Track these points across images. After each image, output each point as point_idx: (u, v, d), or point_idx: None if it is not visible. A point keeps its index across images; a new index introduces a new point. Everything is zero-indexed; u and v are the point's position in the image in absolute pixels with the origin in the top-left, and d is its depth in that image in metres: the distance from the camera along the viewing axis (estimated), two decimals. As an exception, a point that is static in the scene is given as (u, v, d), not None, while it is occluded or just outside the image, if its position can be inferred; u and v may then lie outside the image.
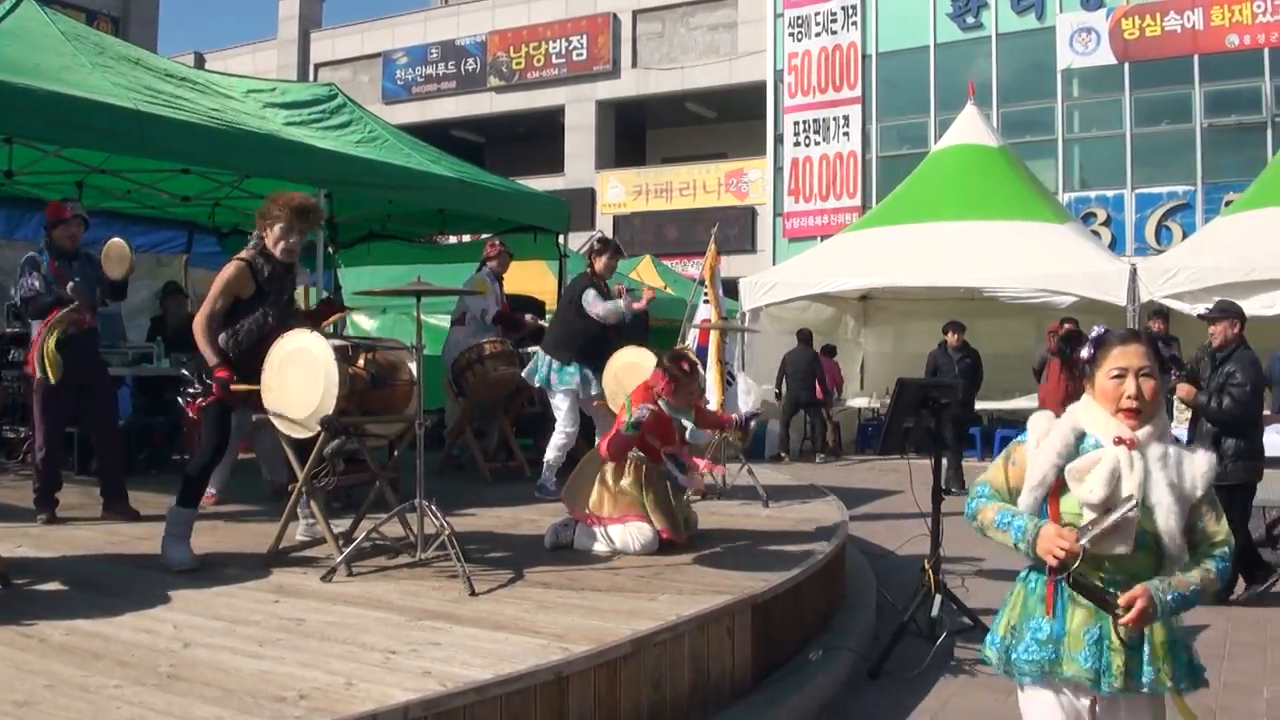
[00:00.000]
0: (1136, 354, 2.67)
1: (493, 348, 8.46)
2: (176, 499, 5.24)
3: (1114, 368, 2.67)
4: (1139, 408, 2.62)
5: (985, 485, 2.82)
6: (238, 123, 7.39)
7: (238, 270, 5.20)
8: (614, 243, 7.95)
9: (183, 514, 5.22)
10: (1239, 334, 6.78)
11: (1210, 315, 6.94)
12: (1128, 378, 2.64)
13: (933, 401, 5.54)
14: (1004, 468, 2.81)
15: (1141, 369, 2.65)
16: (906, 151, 23.34)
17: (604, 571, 5.14)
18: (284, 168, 7.40)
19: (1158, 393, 2.67)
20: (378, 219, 10.85)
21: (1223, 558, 2.60)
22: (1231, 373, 6.60)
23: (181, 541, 5.17)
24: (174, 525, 5.19)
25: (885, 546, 8.01)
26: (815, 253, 17.17)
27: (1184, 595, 2.54)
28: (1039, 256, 13.62)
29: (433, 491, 5.18)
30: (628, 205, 28.56)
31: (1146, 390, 2.64)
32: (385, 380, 5.46)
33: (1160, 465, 2.60)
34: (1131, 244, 21.37)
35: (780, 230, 25.42)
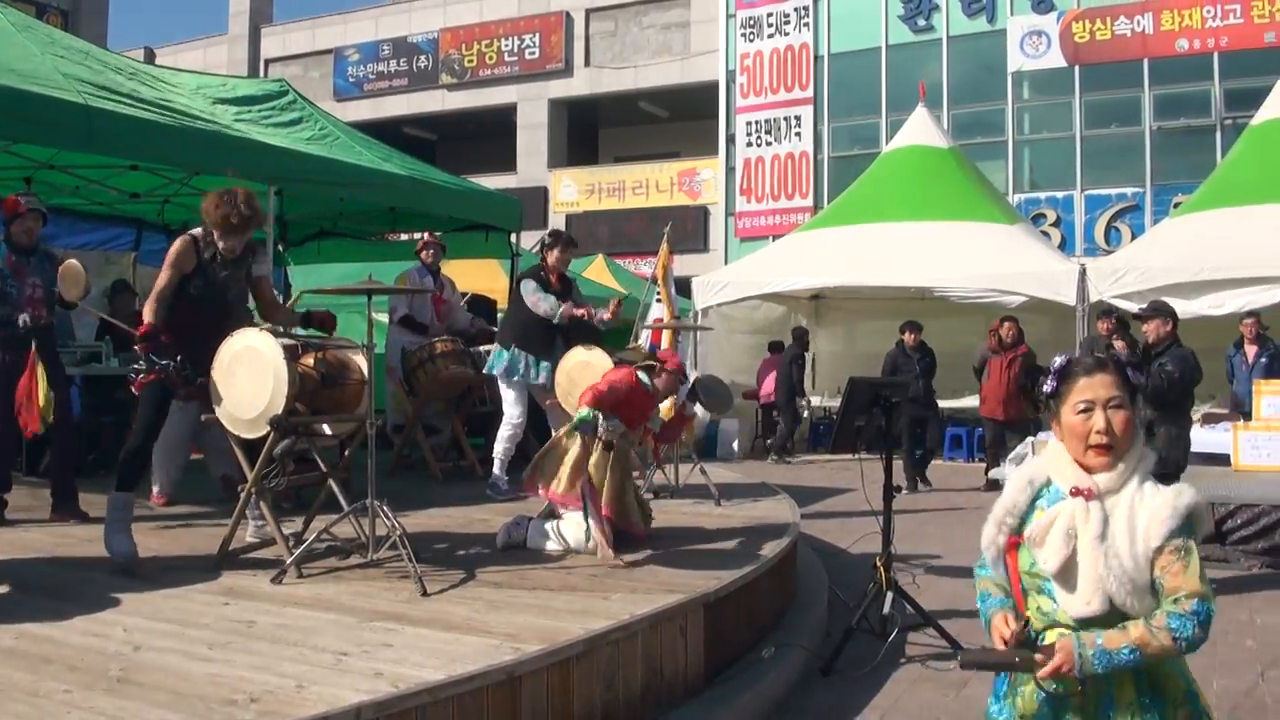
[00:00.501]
0: (1104, 384, 2.41)
1: (444, 346, 8.42)
2: (115, 484, 5.20)
3: (1079, 401, 2.41)
4: (1109, 443, 2.36)
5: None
6: (187, 119, 7.32)
7: (183, 244, 5.26)
8: (565, 235, 7.85)
9: (121, 499, 5.18)
10: (1171, 331, 6.96)
11: (1143, 314, 7.12)
12: (1095, 411, 2.39)
13: (884, 400, 5.59)
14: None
15: (1110, 400, 2.39)
16: (858, 152, 23.51)
17: (556, 571, 5.13)
18: (233, 164, 7.33)
19: (1130, 425, 2.41)
20: (328, 216, 10.77)
21: (1184, 614, 2.22)
22: (1164, 363, 6.80)
23: (123, 531, 5.13)
24: (114, 511, 5.15)
25: (837, 544, 8.06)
26: (767, 252, 17.25)
27: (1109, 653, 2.23)
28: (989, 257, 13.78)
29: (384, 491, 5.15)
30: (580, 204, 28.55)
31: (1117, 424, 2.37)
32: (335, 379, 5.43)
33: (1125, 515, 2.32)
34: (1081, 244, 21.67)
35: (732, 230, 25.53)
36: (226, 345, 5.05)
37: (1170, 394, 6.76)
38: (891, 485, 5.70)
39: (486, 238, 10.44)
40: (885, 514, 5.65)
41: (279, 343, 4.99)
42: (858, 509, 6.36)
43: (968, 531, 9.28)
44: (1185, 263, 12.48)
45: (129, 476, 5.26)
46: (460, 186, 10.08)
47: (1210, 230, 12.94)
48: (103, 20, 26.51)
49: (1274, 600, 6.69)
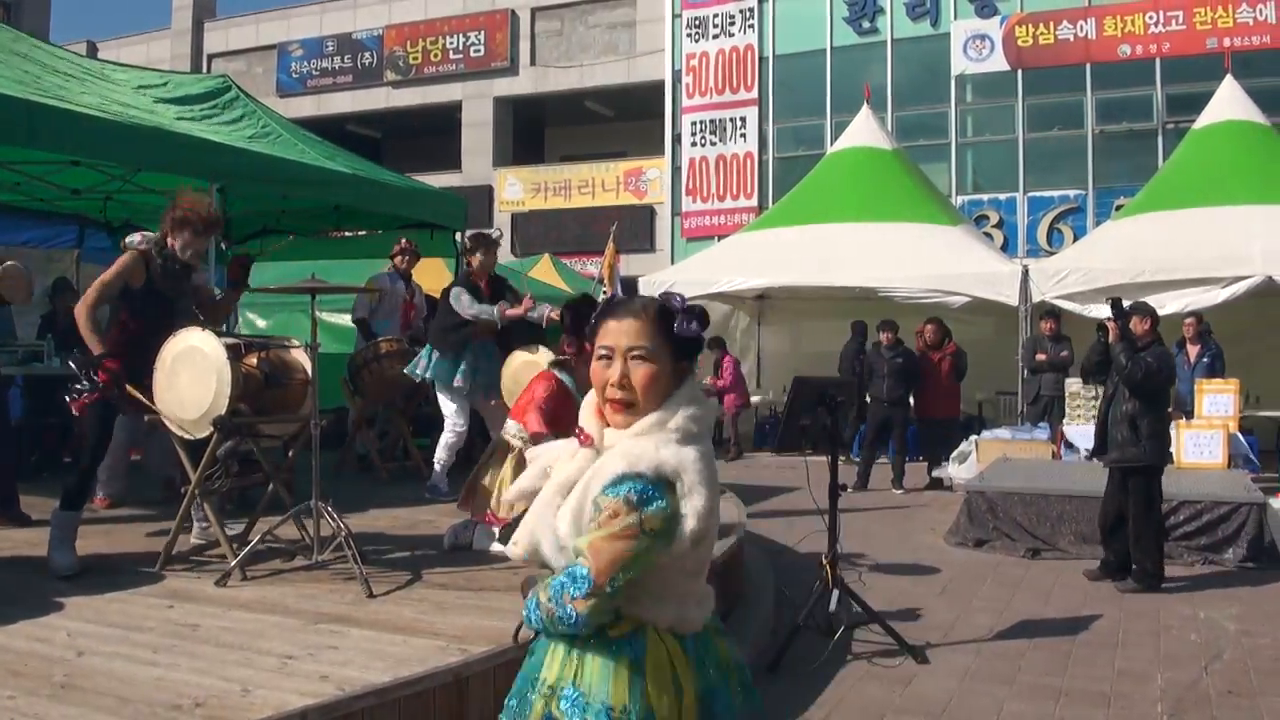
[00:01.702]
0: (630, 331, 2.08)
1: (389, 346, 8.41)
2: (60, 502, 5.13)
3: (601, 346, 2.10)
4: (626, 399, 2.05)
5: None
6: (129, 115, 7.24)
7: (131, 259, 5.19)
8: (486, 236, 7.77)
9: (66, 518, 5.12)
10: (1151, 329, 7.09)
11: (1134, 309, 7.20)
12: (614, 360, 2.08)
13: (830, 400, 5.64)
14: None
15: (633, 350, 2.07)
16: (803, 153, 23.65)
17: (503, 572, 5.13)
18: (176, 161, 7.28)
19: (654, 382, 2.06)
20: (271, 214, 10.66)
21: (563, 576, 1.97)
22: (1144, 355, 6.94)
23: (66, 546, 5.07)
24: (60, 530, 5.09)
25: (783, 543, 8.12)
26: (713, 252, 17.30)
27: (533, 607, 2.04)
28: (932, 257, 13.93)
29: (329, 492, 5.13)
30: (526, 203, 28.47)
31: (637, 378, 2.05)
32: (279, 379, 5.39)
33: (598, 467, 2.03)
34: (1023, 246, 21.94)
35: (678, 229, 25.59)
36: (169, 345, 5.01)
37: (1149, 383, 6.90)
38: (837, 484, 5.75)
39: (432, 236, 10.39)
40: (831, 513, 5.70)
41: (221, 342, 4.95)
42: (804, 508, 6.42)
43: (912, 529, 9.40)
44: (1127, 264, 12.70)
45: (77, 496, 5.20)
46: (405, 185, 10.04)
47: (1152, 232, 13.18)
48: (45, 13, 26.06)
49: (1216, 596, 6.84)
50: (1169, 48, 21.13)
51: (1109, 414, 7.15)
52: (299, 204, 9.88)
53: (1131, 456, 6.99)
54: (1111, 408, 7.13)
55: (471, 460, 7.52)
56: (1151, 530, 7.02)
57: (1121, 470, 7.11)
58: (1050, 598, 6.77)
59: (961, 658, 5.41)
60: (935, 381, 11.87)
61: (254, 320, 13.45)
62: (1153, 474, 7.05)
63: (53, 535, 5.08)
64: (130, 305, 5.21)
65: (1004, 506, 8.42)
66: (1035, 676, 5.16)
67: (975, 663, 5.35)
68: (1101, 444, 7.24)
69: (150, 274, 5.21)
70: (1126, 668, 5.30)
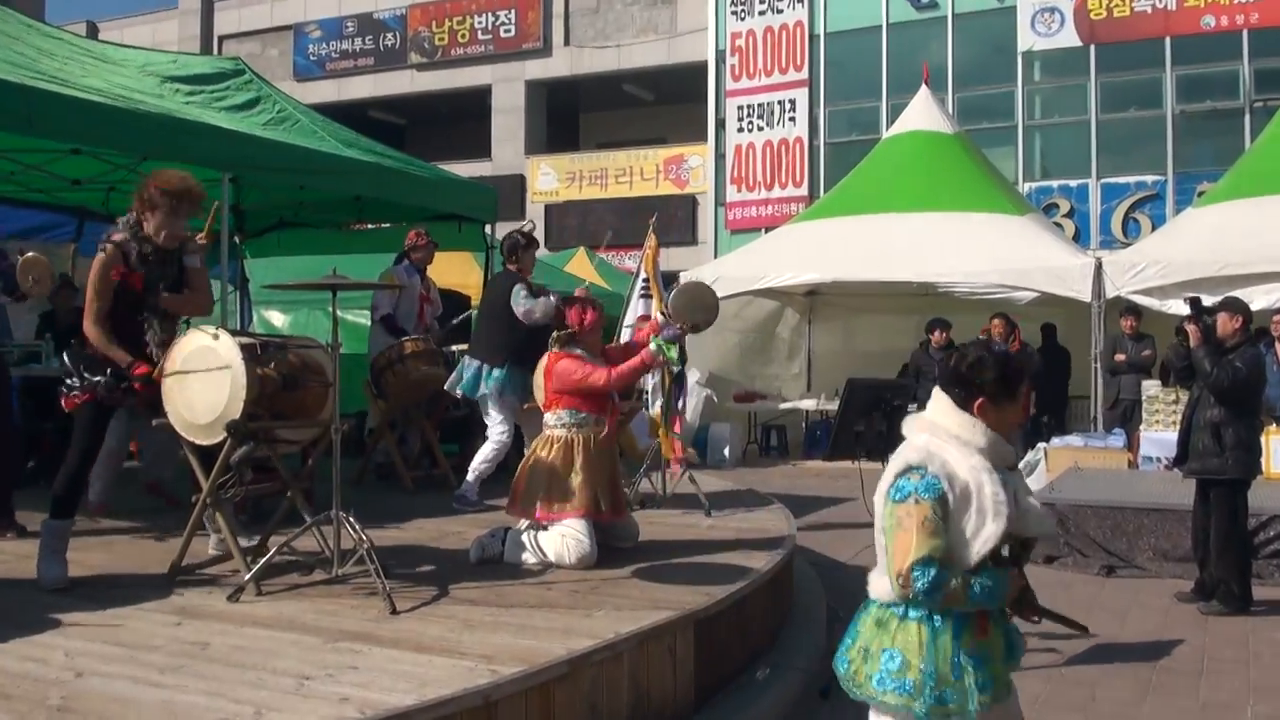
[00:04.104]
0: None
1: (414, 346, 8.40)
2: (50, 512, 5.16)
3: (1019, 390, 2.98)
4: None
5: (937, 564, 2.77)
6: (133, 100, 7.28)
7: (107, 256, 5.19)
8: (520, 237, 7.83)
9: (58, 526, 5.15)
10: (1242, 328, 6.96)
11: (1223, 305, 7.09)
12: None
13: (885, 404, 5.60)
14: (937, 532, 2.78)
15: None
16: (856, 138, 23.55)
17: (535, 587, 5.13)
18: (185, 149, 7.28)
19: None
20: (288, 206, 10.72)
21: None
22: (1232, 359, 6.82)
23: (56, 557, 5.09)
24: (50, 539, 5.12)
25: (836, 557, 8.07)
26: (759, 245, 17.24)
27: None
28: (997, 250, 13.80)
29: (350, 502, 5.15)
30: (560, 193, 28.53)
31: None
32: (297, 381, 5.40)
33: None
34: (1096, 236, 21.73)
35: (722, 221, 25.55)
36: (180, 345, 5.03)
37: (1236, 392, 6.78)
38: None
39: (459, 229, 10.41)
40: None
41: (236, 342, 4.97)
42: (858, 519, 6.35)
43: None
44: (1210, 255, 12.48)
45: (68, 503, 5.21)
46: (431, 174, 10.06)
47: (1237, 221, 12.93)
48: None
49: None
50: (1257, 18, 20.78)
51: (1193, 420, 7.04)
52: (317, 195, 9.93)
53: (1213, 468, 6.87)
54: (1195, 413, 7.02)
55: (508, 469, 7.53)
56: (1235, 547, 6.89)
57: (1203, 482, 7.00)
58: (1127, 620, 6.68)
59: (1031, 684, 5.33)
60: None
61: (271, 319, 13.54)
62: (1238, 487, 6.93)
63: (42, 546, 5.10)
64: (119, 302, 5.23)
65: (1076, 520, 8.31)
66: (1112, 707, 5.08)
67: (1045, 690, 5.28)
68: (1184, 452, 7.13)
69: (129, 264, 5.21)
70: (1212, 699, 5.21)
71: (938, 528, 2.76)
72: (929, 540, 2.75)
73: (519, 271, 7.71)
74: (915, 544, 2.75)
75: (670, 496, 7.93)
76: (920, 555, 2.75)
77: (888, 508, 2.86)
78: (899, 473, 2.87)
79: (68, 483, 5.23)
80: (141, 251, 5.24)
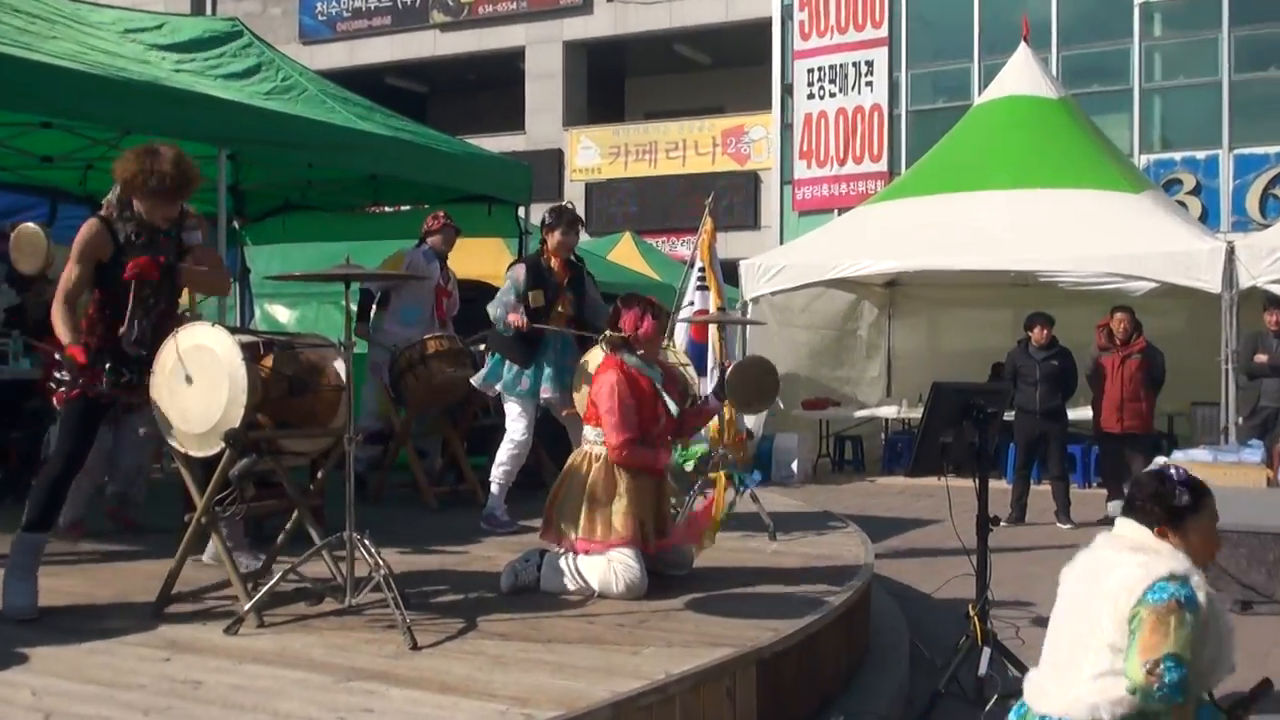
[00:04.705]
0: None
1: (437, 345, 8.42)
2: (24, 523, 5.18)
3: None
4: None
5: (1188, 666, 3.11)
6: (115, 66, 7.32)
7: (91, 230, 5.21)
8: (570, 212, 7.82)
9: (31, 541, 5.17)
10: None
11: None
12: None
13: (976, 411, 5.55)
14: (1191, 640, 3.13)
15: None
16: (943, 105, 23.44)
17: (576, 619, 5.13)
18: (174, 123, 7.30)
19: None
20: (294, 187, 10.81)
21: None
22: None
23: (26, 579, 5.09)
24: (21, 556, 5.13)
25: (920, 589, 8.03)
26: (831, 229, 17.18)
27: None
28: (1108, 233, 13.66)
29: (365, 522, 5.16)
30: (603, 170, 28.59)
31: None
32: (306, 385, 5.44)
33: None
34: (1228, 217, 21.46)
35: (789, 201, 25.48)
36: (171, 343, 5.05)
37: None
38: (987, 516, 5.66)
39: (489, 212, 10.45)
40: (980, 552, 5.62)
41: (236, 340, 5.00)
42: (945, 545, 6.31)
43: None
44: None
45: (45, 513, 5.23)
46: (457, 149, 10.10)
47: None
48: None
49: None
50: None
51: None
52: (327, 174, 10.01)
53: None
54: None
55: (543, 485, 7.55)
56: None
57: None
58: (1268, 661, 6.58)
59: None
60: (1118, 386, 11.57)
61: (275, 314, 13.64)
62: None
63: (10, 566, 5.11)
64: (102, 282, 5.25)
65: (1204, 547, 8.20)
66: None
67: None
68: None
69: (118, 242, 5.23)
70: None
71: (1192, 637, 3.10)
72: (1185, 642, 3.08)
73: (541, 256, 7.70)
74: (1173, 640, 3.08)
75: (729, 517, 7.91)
76: (1176, 650, 3.07)
77: (1142, 608, 3.16)
78: (1162, 577, 3.18)
79: (48, 489, 5.23)
80: (135, 230, 5.25)
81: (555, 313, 7.58)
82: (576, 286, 7.72)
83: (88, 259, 5.19)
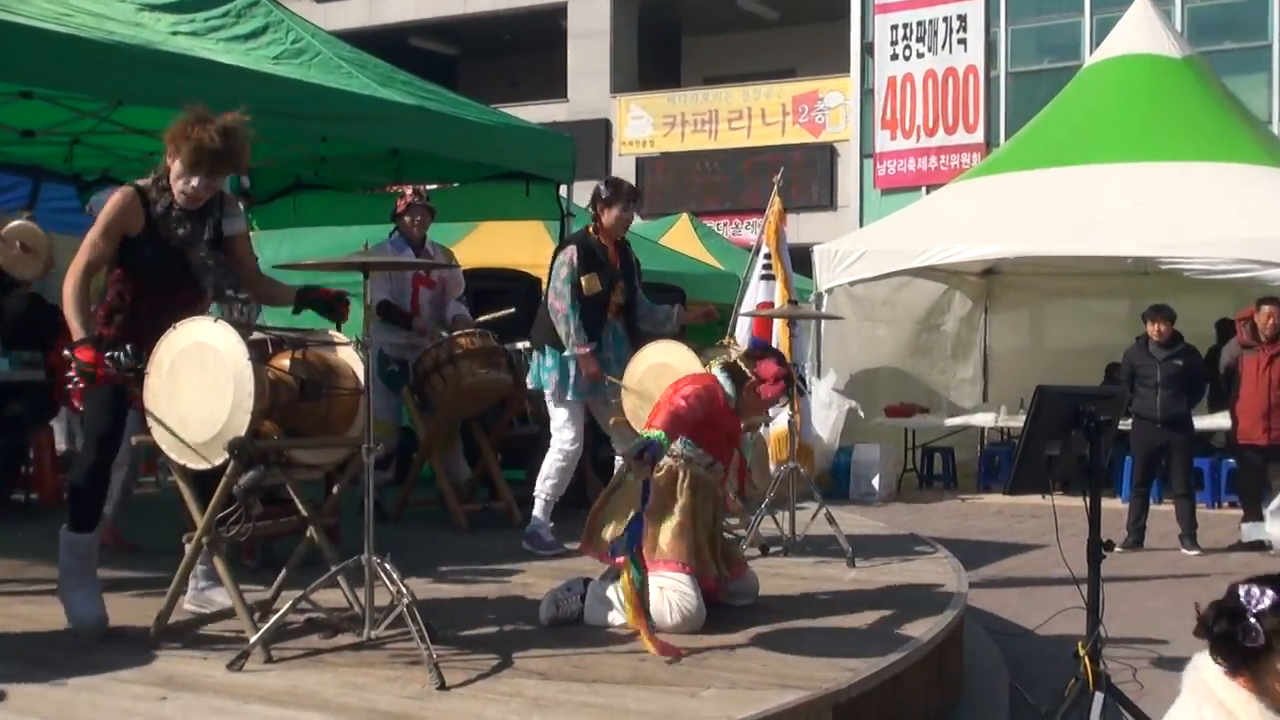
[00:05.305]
0: None
1: (467, 342, 8.42)
2: (68, 522, 5.26)
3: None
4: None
5: None
6: (102, 29, 7.37)
7: (125, 197, 5.24)
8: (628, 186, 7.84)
9: (81, 543, 5.25)
10: None
11: None
12: None
13: (1087, 419, 5.52)
14: None
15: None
16: (1049, 66, 23.34)
17: (625, 656, 5.14)
18: (172, 91, 7.29)
19: None
20: (306, 164, 10.86)
21: None
22: None
23: (84, 585, 5.20)
24: (73, 560, 5.22)
25: (1021, 624, 7.99)
26: (919, 209, 17.13)
27: None
28: (1242, 213, 13.56)
29: (386, 544, 5.19)
30: (656, 143, 28.61)
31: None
32: (319, 388, 5.47)
33: None
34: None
35: (870, 177, 25.42)
36: (168, 341, 5.08)
37: None
38: (1099, 541, 5.62)
39: (527, 191, 10.47)
40: (1092, 581, 5.58)
41: (241, 338, 5.02)
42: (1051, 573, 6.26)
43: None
44: None
45: (89, 509, 5.30)
46: (490, 120, 10.12)
47: None
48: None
49: None
50: None
51: None
52: (344, 148, 10.06)
53: None
54: None
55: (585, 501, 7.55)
56: None
57: None
58: None
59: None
60: (1261, 392, 11.38)
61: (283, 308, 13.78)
62: None
63: (65, 572, 5.19)
64: (128, 262, 5.29)
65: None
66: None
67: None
68: None
69: (151, 217, 5.26)
70: None
71: None
72: None
73: (595, 232, 7.70)
74: None
75: (801, 540, 7.91)
76: None
77: None
78: None
79: (85, 479, 5.30)
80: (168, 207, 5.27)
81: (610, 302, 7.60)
82: (627, 274, 7.75)
83: (114, 232, 5.21)
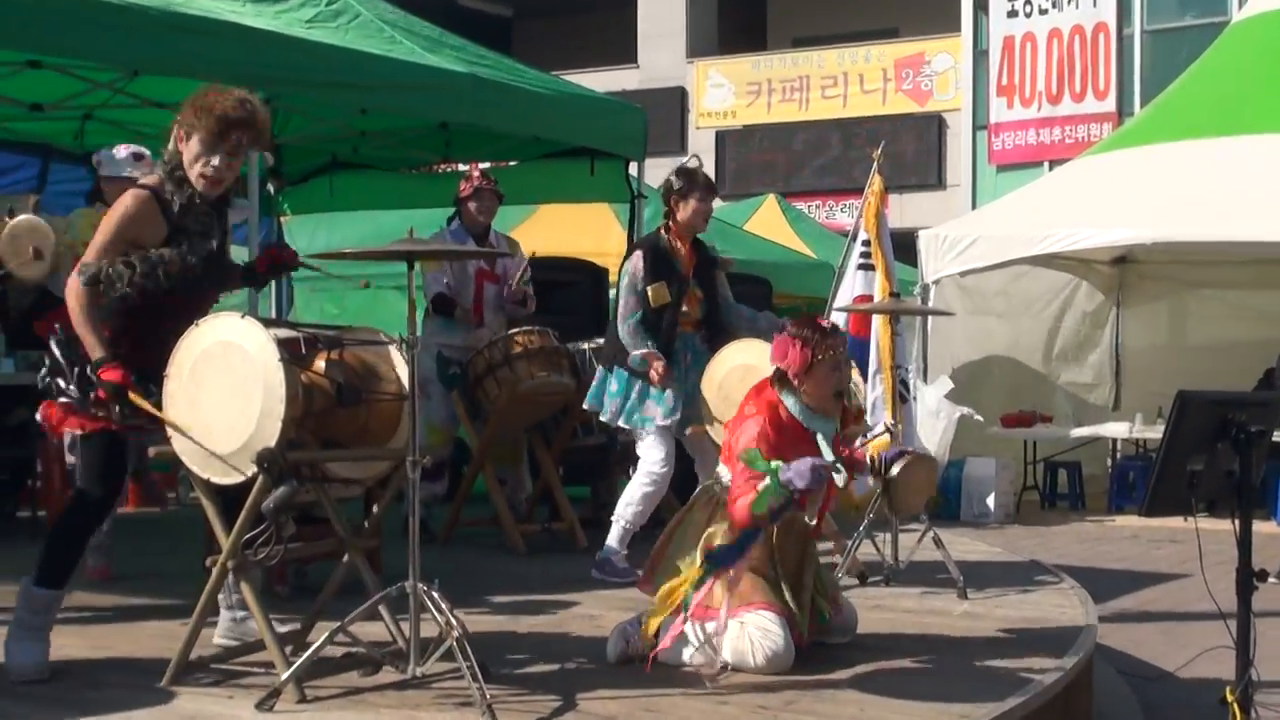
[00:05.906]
0: None
1: (525, 341, 8.42)
2: (34, 574, 5.27)
3: None
4: None
5: None
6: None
7: (139, 202, 5.19)
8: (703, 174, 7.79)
9: (41, 597, 5.26)
10: None
11: None
12: None
13: (1237, 429, 5.47)
14: None
15: None
16: (1191, 22, 23.12)
17: (702, 698, 5.14)
18: (192, 60, 7.38)
19: None
20: (344, 140, 10.95)
21: None
22: None
23: (35, 638, 5.22)
24: (27, 612, 5.24)
25: (1159, 664, 7.93)
26: (1041, 188, 17.02)
27: None
28: None
29: (433, 569, 5.22)
30: (739, 114, 28.59)
31: None
32: (358, 393, 5.50)
33: None
34: None
35: (984, 151, 25.27)
36: (190, 339, 5.10)
37: None
38: (1251, 570, 5.57)
39: (592, 170, 10.50)
40: (1242, 616, 5.53)
41: (271, 335, 5.05)
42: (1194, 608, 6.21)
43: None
44: None
45: (63, 566, 5.30)
46: (551, 89, 10.15)
47: None
48: None
49: None
50: None
51: None
52: (387, 122, 10.14)
53: None
54: None
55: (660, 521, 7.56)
56: None
57: None
58: None
59: None
60: None
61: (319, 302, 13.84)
62: None
63: (16, 619, 5.22)
64: None
65: None
66: None
67: None
68: None
69: (170, 222, 5.24)
70: None
71: None
72: None
73: (668, 232, 7.68)
74: None
75: (906, 567, 7.88)
76: None
77: None
78: None
79: (65, 539, 5.33)
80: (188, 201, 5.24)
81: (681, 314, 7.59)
82: (705, 278, 7.72)
83: (122, 239, 5.14)
